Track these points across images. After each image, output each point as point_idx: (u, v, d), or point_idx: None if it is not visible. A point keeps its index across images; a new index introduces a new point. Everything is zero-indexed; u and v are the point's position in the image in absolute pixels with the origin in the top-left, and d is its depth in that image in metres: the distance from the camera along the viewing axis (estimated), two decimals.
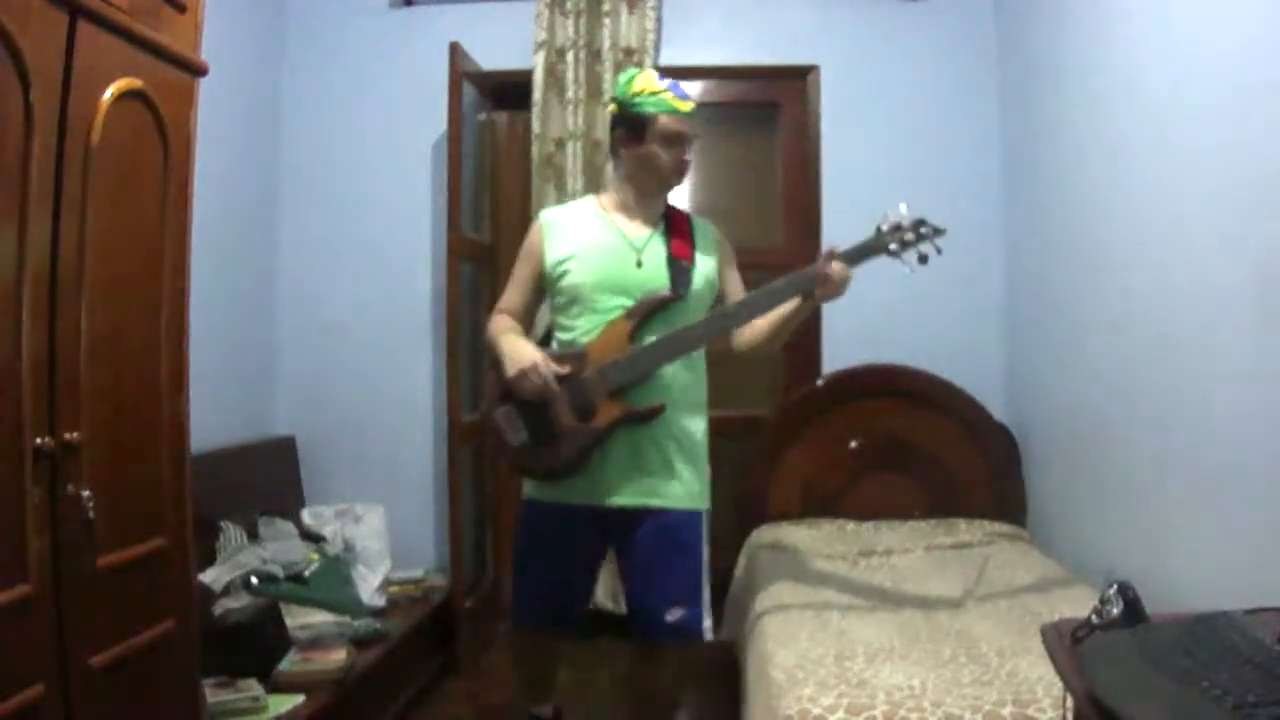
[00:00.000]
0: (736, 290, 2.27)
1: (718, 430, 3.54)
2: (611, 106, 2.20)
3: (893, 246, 2.12)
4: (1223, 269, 1.96)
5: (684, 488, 2.14)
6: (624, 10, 3.38)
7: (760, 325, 2.19)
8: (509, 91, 3.56)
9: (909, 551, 2.85)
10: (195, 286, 1.94)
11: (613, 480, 2.11)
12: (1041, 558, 2.74)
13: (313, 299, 3.55)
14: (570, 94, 3.37)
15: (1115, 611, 1.21)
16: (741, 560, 3.06)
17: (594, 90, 3.38)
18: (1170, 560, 2.15)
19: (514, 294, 2.24)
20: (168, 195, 1.85)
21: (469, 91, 3.38)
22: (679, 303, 2.12)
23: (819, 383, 3.36)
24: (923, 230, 2.12)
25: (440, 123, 3.30)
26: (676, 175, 2.18)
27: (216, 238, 2.87)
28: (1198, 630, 1.09)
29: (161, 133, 1.82)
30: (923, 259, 2.12)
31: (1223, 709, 0.91)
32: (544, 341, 2.24)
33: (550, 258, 2.16)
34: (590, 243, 2.16)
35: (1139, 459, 2.37)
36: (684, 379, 2.16)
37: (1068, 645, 1.20)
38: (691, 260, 2.18)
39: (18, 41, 1.41)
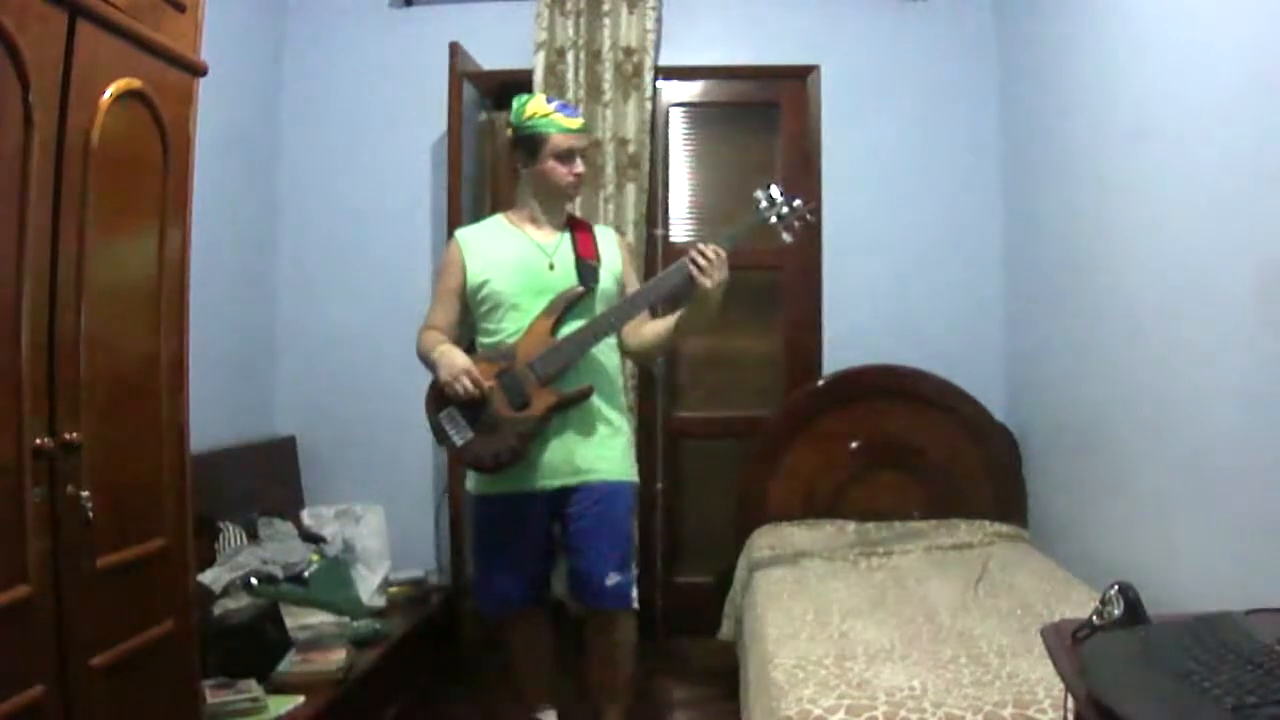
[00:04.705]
0: (636, 286, 2.49)
1: (718, 431, 3.61)
2: (508, 131, 2.40)
3: (771, 219, 2.34)
4: (1224, 269, 1.96)
5: (614, 461, 2.38)
6: (624, 10, 3.38)
7: (650, 329, 2.41)
8: (509, 91, 3.54)
9: (909, 552, 2.85)
10: (195, 286, 1.94)
11: (552, 462, 2.33)
12: (1042, 558, 2.74)
13: (313, 299, 3.55)
14: (570, 94, 3.36)
15: (1116, 612, 1.21)
16: (741, 560, 3.05)
17: (594, 90, 3.38)
18: (1171, 561, 2.15)
19: (440, 310, 2.43)
20: (167, 195, 1.85)
21: (469, 91, 3.38)
22: (590, 297, 2.35)
23: (819, 383, 3.36)
24: (795, 204, 2.34)
25: (440, 123, 3.30)
26: (573, 187, 2.40)
27: (216, 238, 2.87)
28: (1198, 631, 1.09)
29: (161, 133, 1.81)
30: (802, 220, 2.36)
31: (1223, 709, 0.91)
32: (468, 350, 2.40)
33: (471, 270, 2.37)
34: (506, 253, 2.38)
35: (1139, 459, 2.36)
36: (604, 364, 2.38)
37: (1068, 646, 1.20)
38: (597, 259, 2.40)
39: (17, 41, 1.41)
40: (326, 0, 3.57)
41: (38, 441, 1.48)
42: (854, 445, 3.27)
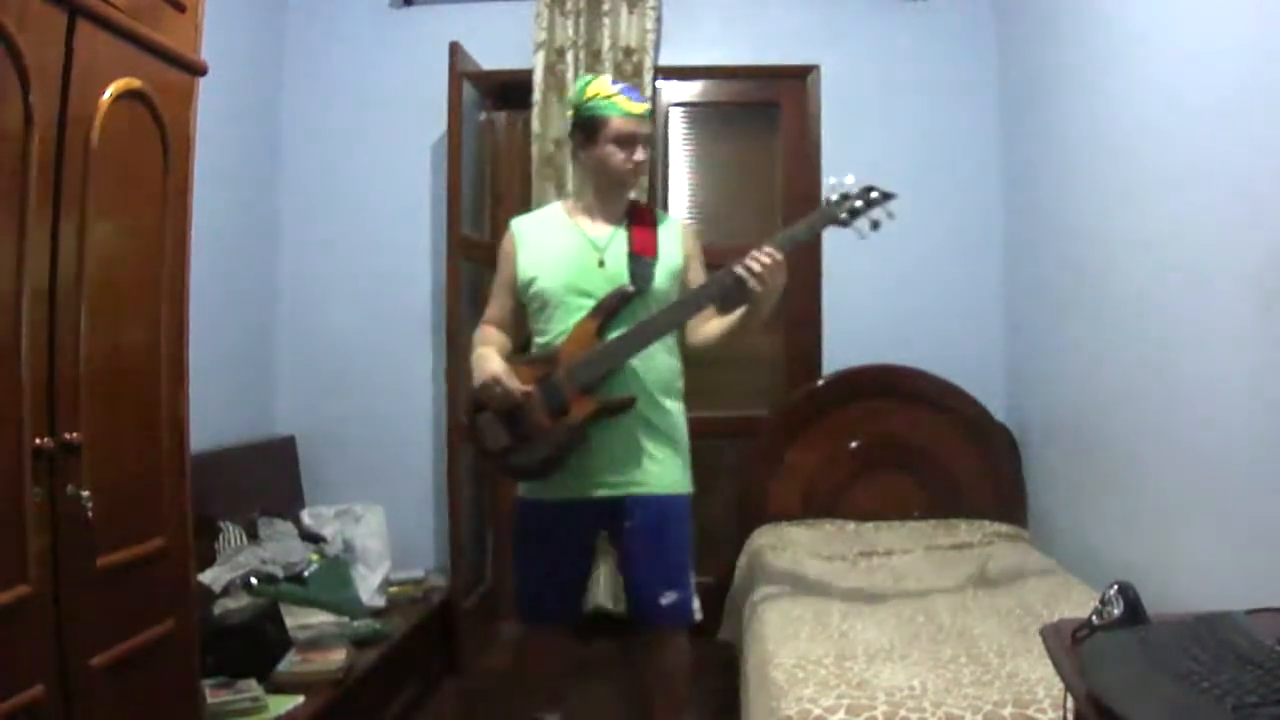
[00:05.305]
0: (699, 283, 2.28)
1: (718, 430, 3.60)
2: (569, 112, 2.26)
3: (843, 215, 2.13)
4: (1223, 269, 1.96)
5: (665, 473, 2.23)
6: (624, 10, 3.38)
7: (711, 327, 2.24)
8: (509, 91, 3.55)
9: (909, 552, 2.85)
10: (195, 286, 1.94)
11: (595, 472, 2.17)
12: (1041, 558, 2.74)
13: (313, 298, 3.55)
14: (570, 94, 3.37)
15: (1116, 612, 1.20)
16: (741, 560, 3.06)
17: None
18: (1171, 560, 2.15)
19: (496, 303, 2.33)
20: (168, 195, 1.85)
21: (469, 91, 3.38)
22: (642, 296, 2.17)
23: (819, 383, 3.36)
24: (872, 196, 2.13)
25: (440, 123, 3.30)
26: (632, 175, 2.23)
27: (216, 238, 2.87)
28: (1198, 631, 1.09)
29: (161, 133, 1.81)
30: (874, 225, 2.13)
31: (1223, 709, 0.91)
32: (524, 348, 2.30)
33: (521, 265, 2.24)
34: (555, 248, 2.23)
35: (1139, 459, 2.36)
36: (654, 368, 2.21)
37: (1068, 646, 1.20)
38: (654, 254, 2.22)
39: (17, 41, 1.41)
40: (326, 0, 3.58)
41: (38, 441, 1.48)
42: (854, 445, 3.27)
